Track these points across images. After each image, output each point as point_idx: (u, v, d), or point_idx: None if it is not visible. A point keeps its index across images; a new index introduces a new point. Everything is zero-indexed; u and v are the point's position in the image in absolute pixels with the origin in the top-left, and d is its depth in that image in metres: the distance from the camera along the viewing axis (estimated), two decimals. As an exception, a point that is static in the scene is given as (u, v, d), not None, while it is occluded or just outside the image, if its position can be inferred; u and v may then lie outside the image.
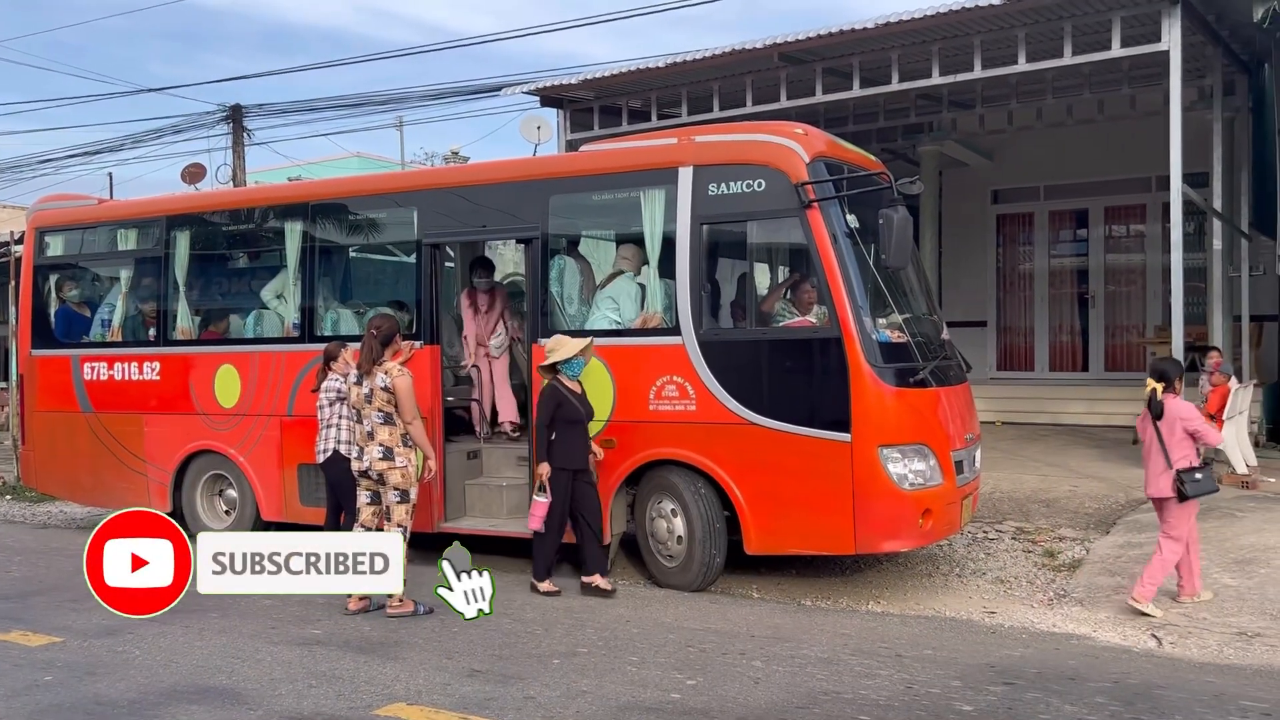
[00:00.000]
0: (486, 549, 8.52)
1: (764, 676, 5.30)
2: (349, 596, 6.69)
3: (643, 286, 7.52)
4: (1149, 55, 8.83)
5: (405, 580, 6.56)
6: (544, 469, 6.93)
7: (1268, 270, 11.19)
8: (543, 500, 6.91)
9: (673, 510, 7.21)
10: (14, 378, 10.99)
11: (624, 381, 7.32)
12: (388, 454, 6.54)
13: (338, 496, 7.39)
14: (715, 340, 7.05)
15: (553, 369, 7.02)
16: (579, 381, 7.11)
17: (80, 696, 5.18)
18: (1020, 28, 9.19)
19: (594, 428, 7.38)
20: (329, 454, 7.35)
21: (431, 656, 5.72)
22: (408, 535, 6.58)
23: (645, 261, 7.52)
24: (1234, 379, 9.95)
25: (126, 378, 9.54)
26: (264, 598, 7.08)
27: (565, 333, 7.29)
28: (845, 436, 6.58)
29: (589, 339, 7.09)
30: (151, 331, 9.62)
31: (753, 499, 6.89)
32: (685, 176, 7.11)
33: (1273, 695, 5.05)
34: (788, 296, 7.29)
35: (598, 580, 7.08)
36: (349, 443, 7.02)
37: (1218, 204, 10.14)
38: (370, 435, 6.58)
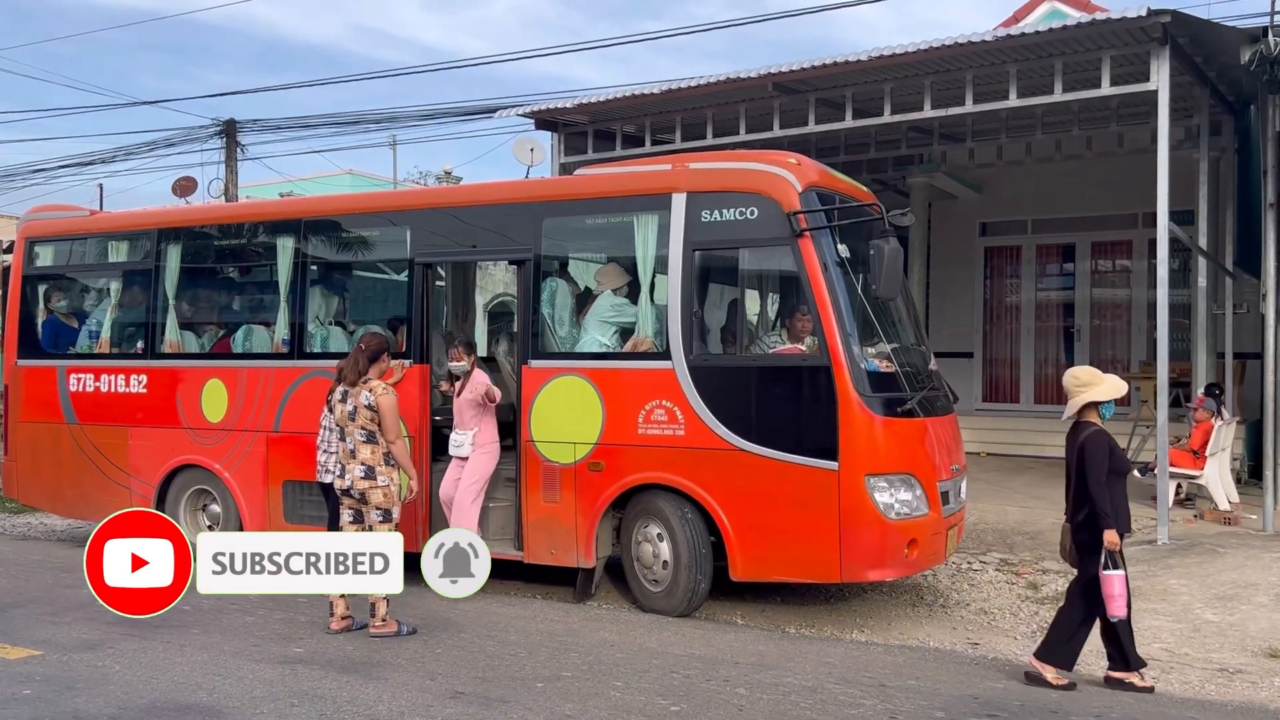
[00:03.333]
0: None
1: (748, 704, 5.29)
2: (331, 616, 6.66)
3: (621, 307, 7.57)
4: (1137, 94, 8.94)
5: (389, 599, 6.58)
6: (1114, 538, 5.46)
7: (1251, 308, 11.28)
8: (1117, 574, 5.44)
9: (659, 535, 7.21)
10: (-1, 388, 10.91)
11: (612, 404, 7.33)
12: (369, 473, 6.52)
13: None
14: (705, 366, 7.08)
15: (1084, 408, 5.72)
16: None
17: (59, 711, 5.13)
18: (1011, 64, 9.30)
19: (581, 450, 7.40)
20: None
21: (414, 677, 5.69)
22: None
23: (627, 280, 7.56)
24: (1217, 415, 10.02)
25: (113, 390, 9.50)
26: (246, 615, 7.06)
27: (1091, 369, 5.89)
28: (832, 465, 6.60)
29: (1119, 376, 6.00)
30: (139, 344, 9.60)
31: (739, 525, 6.90)
32: (679, 202, 7.16)
33: (1253, 732, 5.08)
34: (781, 324, 7.32)
35: (1133, 678, 5.65)
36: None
37: (1203, 242, 10.25)
38: (353, 453, 6.57)
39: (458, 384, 7.85)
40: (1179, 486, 10.05)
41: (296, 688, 5.50)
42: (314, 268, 8.92)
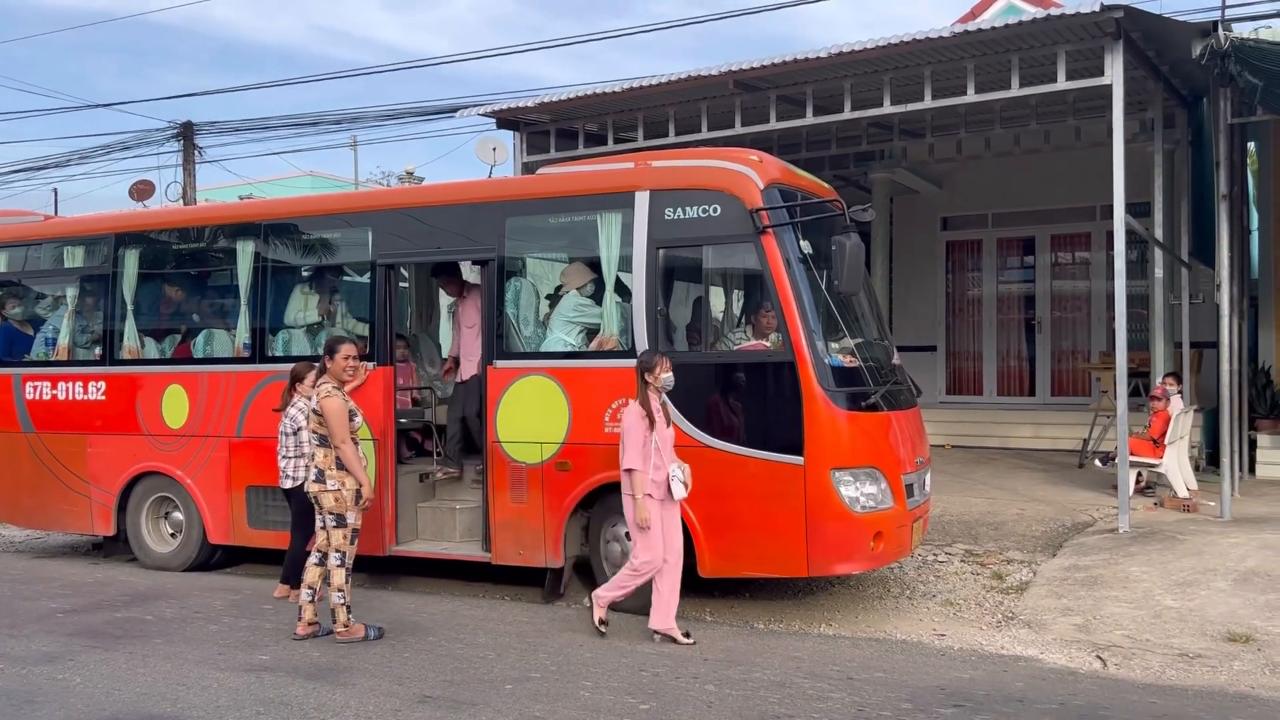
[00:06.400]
0: (438, 573, 8.46)
1: (717, 700, 5.30)
2: (298, 621, 6.59)
3: (586, 306, 7.56)
4: (1093, 88, 9.04)
5: (351, 606, 6.53)
6: None
7: (1206, 299, 11.46)
8: None
9: (627, 533, 7.19)
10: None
11: (579, 403, 7.31)
12: (319, 476, 6.45)
13: (303, 523, 7.32)
14: (671, 363, 7.06)
15: None
16: None
17: (18, 725, 5.05)
18: (969, 59, 9.38)
19: (548, 450, 7.39)
20: (298, 482, 7.30)
21: (381, 682, 5.65)
22: (348, 560, 6.46)
23: (592, 279, 7.55)
24: (1173, 402, 10.15)
25: (71, 397, 9.36)
26: (210, 623, 6.98)
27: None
28: (798, 459, 6.63)
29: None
30: (97, 350, 9.45)
31: (706, 522, 6.91)
32: (642, 201, 7.16)
33: (1214, 716, 5.15)
34: (746, 321, 7.34)
35: None
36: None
37: (1159, 233, 10.39)
38: (312, 456, 6.51)
39: (659, 408, 6.50)
40: (1139, 475, 10.20)
41: (262, 695, 5.44)
42: (275, 271, 8.82)
